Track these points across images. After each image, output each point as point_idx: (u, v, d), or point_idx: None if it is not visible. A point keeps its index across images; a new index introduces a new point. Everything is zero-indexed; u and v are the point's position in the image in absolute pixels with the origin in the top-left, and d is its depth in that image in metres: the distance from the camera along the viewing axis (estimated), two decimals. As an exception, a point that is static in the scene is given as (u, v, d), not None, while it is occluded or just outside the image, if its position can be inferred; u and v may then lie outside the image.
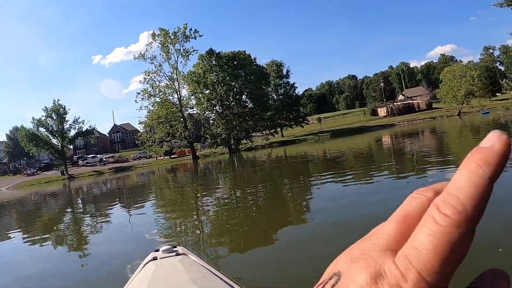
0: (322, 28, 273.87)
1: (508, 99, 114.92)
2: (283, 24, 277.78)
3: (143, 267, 2.80)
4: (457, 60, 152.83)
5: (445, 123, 63.11)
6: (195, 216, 13.28)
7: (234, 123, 71.74)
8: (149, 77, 70.59)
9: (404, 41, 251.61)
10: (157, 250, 3.01)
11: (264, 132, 78.97)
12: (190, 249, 3.16)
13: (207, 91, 72.38)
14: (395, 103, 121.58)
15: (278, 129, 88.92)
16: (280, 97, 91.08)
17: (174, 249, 3.02)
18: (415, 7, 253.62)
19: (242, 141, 74.08)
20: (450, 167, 14.37)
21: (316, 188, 15.15)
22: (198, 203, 16.59)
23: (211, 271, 2.61)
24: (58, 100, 72.67)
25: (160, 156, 75.19)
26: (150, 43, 70.21)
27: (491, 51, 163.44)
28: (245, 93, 76.11)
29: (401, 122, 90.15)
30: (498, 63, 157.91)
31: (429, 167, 16.13)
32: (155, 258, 2.88)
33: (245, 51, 77.51)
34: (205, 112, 76.19)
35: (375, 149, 34.52)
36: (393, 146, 34.85)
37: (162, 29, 68.93)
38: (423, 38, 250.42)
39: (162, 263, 2.80)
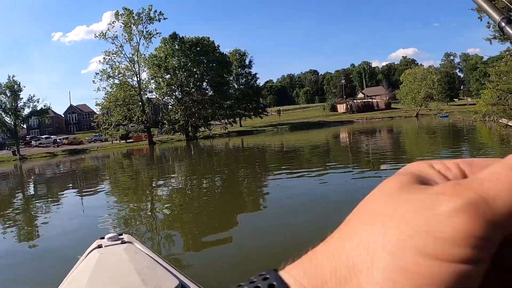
0: (287, 20, 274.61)
1: (465, 104, 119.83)
2: (248, 13, 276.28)
3: (87, 255, 2.75)
4: (418, 63, 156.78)
5: (403, 124, 64.92)
6: (147, 204, 13.16)
7: (193, 110, 71.11)
8: (109, 57, 69.00)
9: (367, 40, 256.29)
10: (103, 238, 2.97)
11: (222, 121, 78.49)
12: (136, 237, 3.13)
13: (168, 76, 71.45)
14: (355, 101, 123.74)
15: (237, 119, 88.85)
16: (241, 86, 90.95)
17: (120, 236, 2.99)
18: (380, 8, 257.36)
19: (200, 129, 73.58)
20: (403, 164, 14.22)
21: (271, 179, 15.35)
22: (152, 190, 16.53)
23: (156, 261, 2.59)
24: (13, 76, 70.19)
25: (116, 140, 73.76)
26: (113, 22, 68.64)
27: (451, 57, 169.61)
28: (206, 80, 75.52)
29: (360, 120, 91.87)
30: (458, 69, 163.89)
31: (383, 163, 16.74)
32: (99, 246, 2.84)
33: (209, 38, 76.91)
34: (164, 97, 75.22)
35: (333, 144, 35.20)
36: (351, 142, 35.74)
37: (126, 9, 67.36)
38: (386, 39, 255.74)
39: (106, 251, 2.76)
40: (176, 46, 72.15)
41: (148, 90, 73.13)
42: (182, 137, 70.64)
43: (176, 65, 71.18)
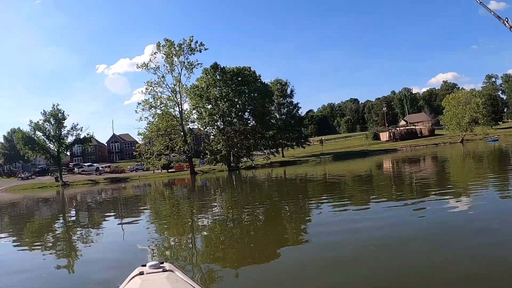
0: (325, 50, 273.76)
1: (510, 127, 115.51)
2: (287, 44, 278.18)
3: (129, 281, 2.79)
4: (459, 87, 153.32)
5: (448, 150, 62.90)
6: (188, 234, 12.84)
7: (235, 140, 70.45)
8: (151, 87, 69.28)
9: (406, 67, 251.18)
10: (144, 265, 3.01)
11: (265, 151, 77.58)
12: (177, 266, 3.14)
13: (209, 106, 71.37)
14: (398, 128, 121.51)
15: (279, 149, 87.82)
16: (283, 116, 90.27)
17: (161, 265, 3.02)
18: (417, 34, 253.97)
19: (242, 159, 72.73)
20: (449, 197, 14.43)
21: (315, 212, 14.84)
22: (193, 220, 16.05)
23: None
24: (58, 104, 72.38)
25: (158, 169, 73.94)
26: (155, 53, 69.19)
27: (493, 79, 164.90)
28: (248, 110, 75.10)
29: (404, 147, 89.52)
30: (500, 91, 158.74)
31: (429, 195, 15.85)
32: (141, 273, 2.89)
33: (250, 68, 76.67)
34: (206, 127, 75.20)
35: (378, 173, 33.79)
36: (396, 171, 34.18)
37: (167, 40, 68.03)
38: (424, 65, 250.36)
39: (148, 278, 2.80)
40: (218, 76, 72.30)
41: (190, 120, 73.25)
42: (224, 167, 69.82)
43: (218, 95, 71.20)
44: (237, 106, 72.91)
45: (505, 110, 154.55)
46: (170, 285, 2.64)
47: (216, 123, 72.73)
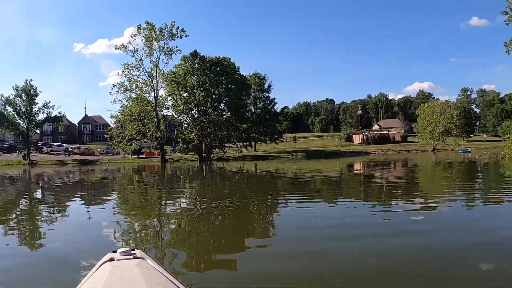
0: (306, 50, 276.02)
1: (481, 140, 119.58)
2: (268, 39, 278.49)
3: (99, 267, 2.75)
4: (434, 97, 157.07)
5: (420, 158, 64.25)
6: (157, 221, 12.68)
7: (209, 131, 70.09)
8: (128, 70, 68.14)
9: (384, 72, 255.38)
10: (115, 251, 2.97)
11: (238, 144, 77.32)
12: (148, 253, 3.10)
13: (185, 94, 70.62)
14: (371, 132, 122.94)
15: (252, 143, 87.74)
16: (258, 110, 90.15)
17: (132, 251, 2.99)
18: (398, 43, 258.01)
19: (214, 150, 72.42)
20: (415, 201, 15.40)
21: (282, 207, 15.21)
22: (162, 207, 15.98)
23: (168, 278, 2.65)
24: (30, 80, 70.41)
25: (128, 154, 72.78)
26: (134, 35, 67.93)
27: (468, 93, 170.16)
28: (224, 101, 74.73)
29: (376, 151, 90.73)
30: (474, 105, 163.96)
31: (396, 198, 16.95)
32: (112, 259, 2.85)
33: (229, 58, 76.27)
34: (180, 115, 74.47)
35: (348, 175, 34.13)
36: (366, 174, 34.65)
37: (148, 23, 66.92)
38: (402, 73, 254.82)
39: (118, 265, 2.76)
40: (196, 64, 71.62)
41: (164, 106, 72.54)
42: (195, 157, 69.44)
43: (195, 84, 70.52)
44: (213, 96, 72.55)
45: (477, 124, 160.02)
46: (141, 272, 2.61)
47: (190, 112, 72.23)
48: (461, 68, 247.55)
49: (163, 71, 69.68)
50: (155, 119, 69.09)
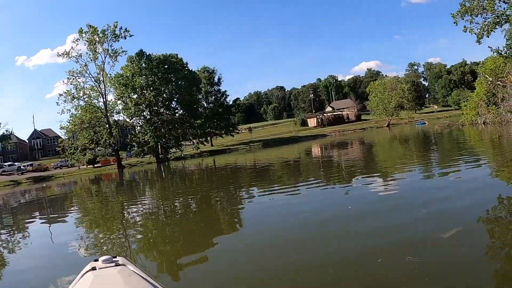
0: (251, 39, 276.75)
1: (433, 112, 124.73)
2: (214, 32, 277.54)
3: (82, 277, 2.73)
4: (383, 74, 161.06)
5: (376, 134, 65.68)
6: (122, 229, 12.48)
7: (163, 131, 69.21)
8: (73, 77, 66.00)
9: (330, 55, 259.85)
10: (97, 260, 2.96)
11: (194, 140, 76.69)
12: (130, 260, 3.16)
13: (135, 96, 69.14)
14: (325, 114, 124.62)
15: (208, 138, 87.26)
16: (211, 105, 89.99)
17: (114, 259, 2.98)
18: (341, 24, 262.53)
19: (171, 150, 71.56)
20: (376, 175, 16.17)
21: (245, 199, 15.35)
22: (125, 215, 15.72)
23: (151, 283, 2.67)
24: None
25: (83, 165, 70.87)
26: (77, 40, 65.84)
27: (416, 67, 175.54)
28: (175, 99, 73.87)
29: (333, 133, 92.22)
30: (422, 78, 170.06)
31: (358, 175, 17.44)
32: (94, 268, 2.82)
33: (177, 55, 75.43)
34: (132, 118, 72.89)
35: (308, 158, 34.81)
36: (325, 155, 35.44)
37: (90, 26, 64.90)
38: (348, 54, 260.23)
39: (101, 273, 2.75)
40: (143, 64, 70.30)
41: (115, 111, 70.89)
42: (152, 159, 68.43)
43: (144, 84, 69.16)
44: (164, 95, 71.47)
45: (426, 96, 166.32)
46: (123, 279, 2.60)
47: (142, 113, 70.78)
48: (406, 45, 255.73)
49: (110, 74, 68.23)
50: (107, 125, 67.22)
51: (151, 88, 68.72)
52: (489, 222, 7.48)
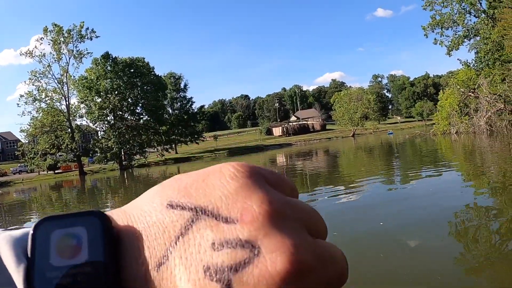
0: (217, 47, 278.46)
1: (396, 122, 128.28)
2: (181, 38, 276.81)
3: None
4: (347, 86, 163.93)
5: (341, 144, 66.14)
6: None
7: (127, 136, 67.49)
8: (36, 77, 64.08)
9: (295, 66, 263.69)
10: None
11: (158, 147, 75.41)
12: None
13: (99, 99, 67.19)
14: (290, 123, 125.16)
15: (173, 145, 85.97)
16: (176, 111, 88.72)
17: None
18: (306, 36, 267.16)
19: (134, 157, 69.94)
20: (339, 185, 15.81)
21: None
22: None
23: None
24: None
25: (43, 171, 68.47)
26: (41, 39, 63.92)
27: (379, 79, 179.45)
28: (141, 104, 72.26)
29: (298, 142, 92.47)
30: (386, 90, 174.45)
31: (321, 184, 17.87)
32: None
33: (143, 58, 73.85)
34: (95, 123, 70.49)
35: (274, 167, 33.53)
36: (290, 164, 35.33)
37: (55, 25, 63.05)
38: (313, 64, 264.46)
39: None
40: (109, 67, 68.34)
41: (78, 115, 68.93)
42: (115, 166, 66.60)
43: (109, 88, 67.33)
44: (129, 99, 69.70)
45: (390, 107, 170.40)
46: None
47: (106, 118, 68.64)
48: (369, 57, 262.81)
49: (74, 76, 66.45)
50: (69, 130, 65.21)
51: (116, 92, 67.20)
52: (453, 231, 7.75)
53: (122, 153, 67.64)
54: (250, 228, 0.32)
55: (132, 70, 70.26)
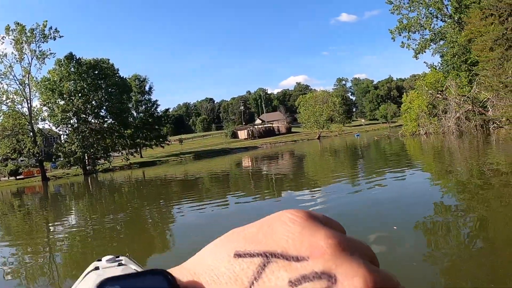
0: (182, 51, 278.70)
1: (361, 125, 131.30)
2: (145, 41, 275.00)
3: (85, 277, 2.70)
4: (311, 88, 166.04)
5: (307, 146, 67.27)
6: (48, 247, 12.13)
7: (91, 140, 66.34)
8: (-4, 78, 61.92)
9: (259, 68, 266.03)
10: (100, 260, 2.97)
11: (123, 151, 74.35)
12: (133, 259, 3.13)
13: (62, 102, 65.41)
14: (256, 126, 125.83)
15: (138, 149, 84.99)
16: (141, 114, 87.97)
17: (117, 258, 3.03)
18: (270, 39, 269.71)
19: (99, 161, 68.85)
20: (304, 188, 16.46)
21: (176, 212, 15.59)
22: (50, 232, 15.30)
23: None
24: None
25: (4, 177, 66.50)
26: (2, 38, 61.96)
27: (344, 82, 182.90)
28: (105, 107, 71.01)
29: (264, 145, 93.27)
30: (350, 93, 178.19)
31: (286, 188, 18.33)
32: (97, 268, 2.85)
33: (108, 60, 72.81)
34: (58, 126, 68.46)
35: (239, 171, 35.08)
36: (255, 167, 36.24)
37: (18, 24, 61.13)
38: (277, 67, 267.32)
39: (104, 273, 2.72)
40: (72, 68, 66.71)
41: (40, 118, 66.88)
42: (79, 171, 65.21)
43: (72, 90, 65.67)
44: (93, 102, 68.32)
45: (354, 110, 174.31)
46: None
47: (69, 121, 66.94)
48: (334, 60, 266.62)
49: (36, 78, 64.63)
50: (31, 133, 63.40)
51: (80, 94, 65.81)
52: (418, 229, 8.13)
53: (86, 158, 66.51)
54: (323, 261, 0.35)
55: (96, 72, 68.86)
